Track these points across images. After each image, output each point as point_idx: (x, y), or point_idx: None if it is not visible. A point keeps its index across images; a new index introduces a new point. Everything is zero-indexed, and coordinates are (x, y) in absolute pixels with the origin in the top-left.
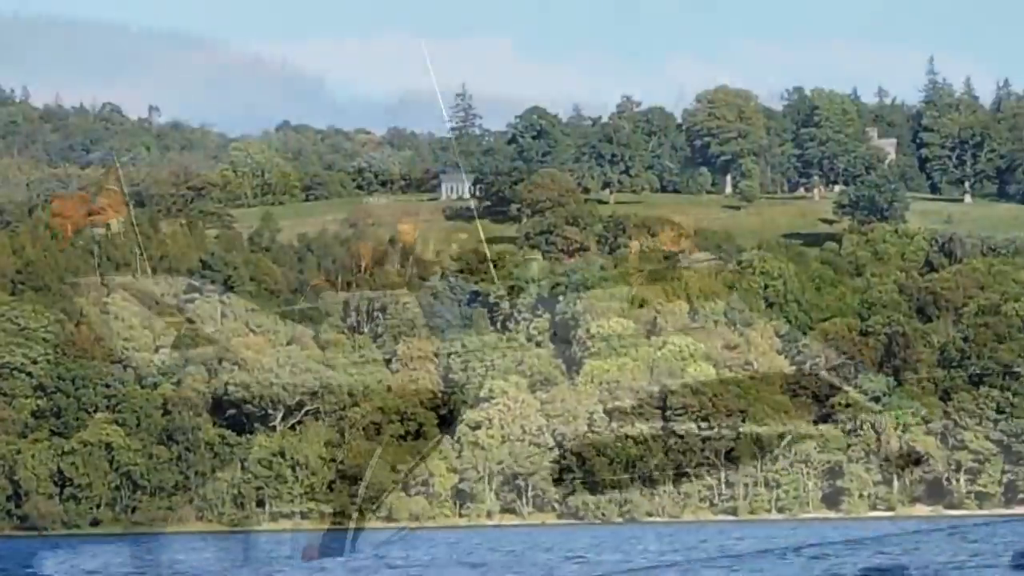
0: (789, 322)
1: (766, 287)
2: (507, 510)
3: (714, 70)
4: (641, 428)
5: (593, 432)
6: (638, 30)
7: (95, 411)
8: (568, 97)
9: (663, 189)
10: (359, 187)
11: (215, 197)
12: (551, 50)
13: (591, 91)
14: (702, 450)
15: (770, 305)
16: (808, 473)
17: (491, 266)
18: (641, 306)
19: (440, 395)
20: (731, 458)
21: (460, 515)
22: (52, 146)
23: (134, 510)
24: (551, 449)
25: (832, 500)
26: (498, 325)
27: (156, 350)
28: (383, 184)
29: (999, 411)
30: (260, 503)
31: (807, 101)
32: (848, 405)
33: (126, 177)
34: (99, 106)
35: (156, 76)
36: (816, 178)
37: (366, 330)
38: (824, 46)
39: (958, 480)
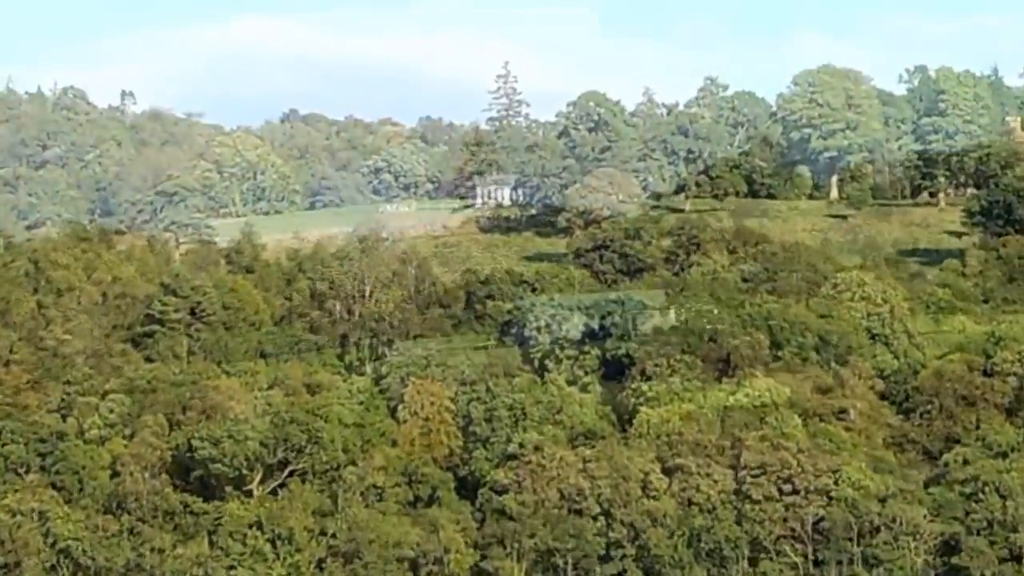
0: (896, 359)
1: (868, 316)
2: None
3: (835, 46)
4: (709, 492)
5: (649, 497)
6: None
7: (26, 472)
8: (650, 80)
9: (752, 193)
10: (376, 191)
11: (192, 204)
12: (646, 22)
13: (677, 74)
14: (785, 519)
15: (873, 338)
16: (917, 548)
17: (530, 290)
18: (712, 340)
19: (458, 451)
20: (821, 530)
21: None
22: (0, 140)
23: None
24: (595, 518)
25: None
26: (534, 364)
27: (104, 396)
28: (406, 188)
29: None
30: None
31: (931, 84)
32: (967, 463)
33: (90, 179)
34: (59, 91)
35: (131, 54)
36: (942, 180)
37: (367, 370)
38: (960, 19)
39: None
